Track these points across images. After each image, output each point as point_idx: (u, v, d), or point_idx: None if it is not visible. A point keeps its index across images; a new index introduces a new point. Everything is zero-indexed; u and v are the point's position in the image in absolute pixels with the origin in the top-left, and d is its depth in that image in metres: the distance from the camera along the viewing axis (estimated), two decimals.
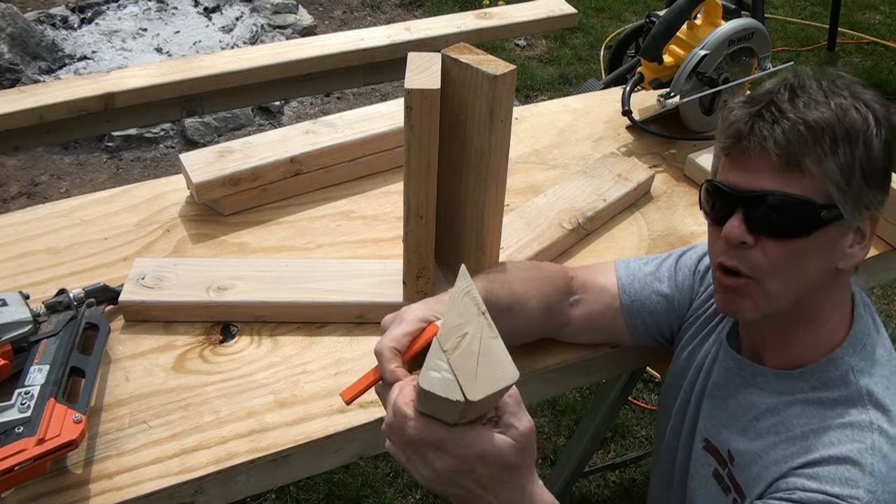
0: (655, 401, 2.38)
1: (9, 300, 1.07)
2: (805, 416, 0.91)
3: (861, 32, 4.33)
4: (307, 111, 3.56)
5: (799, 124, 0.85)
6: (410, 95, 0.95)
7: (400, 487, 2.11)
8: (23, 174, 3.13)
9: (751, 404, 0.97)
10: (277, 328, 1.17)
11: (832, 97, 0.87)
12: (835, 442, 0.87)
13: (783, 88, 0.89)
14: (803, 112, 0.86)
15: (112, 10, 3.91)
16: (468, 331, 0.67)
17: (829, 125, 0.85)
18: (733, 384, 1.00)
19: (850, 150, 0.85)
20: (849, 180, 0.86)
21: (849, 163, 0.86)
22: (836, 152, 0.85)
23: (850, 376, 0.91)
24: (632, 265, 1.15)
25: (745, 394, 0.98)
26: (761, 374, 0.97)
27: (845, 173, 0.86)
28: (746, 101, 0.91)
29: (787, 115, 0.86)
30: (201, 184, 1.31)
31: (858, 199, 0.87)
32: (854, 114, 0.86)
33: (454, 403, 0.64)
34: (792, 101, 0.87)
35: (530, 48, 4.15)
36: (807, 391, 0.92)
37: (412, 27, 1.93)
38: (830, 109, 0.86)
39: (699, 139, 1.60)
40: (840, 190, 0.86)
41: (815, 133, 0.85)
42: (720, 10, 1.58)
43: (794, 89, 0.89)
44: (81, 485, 0.95)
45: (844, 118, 0.86)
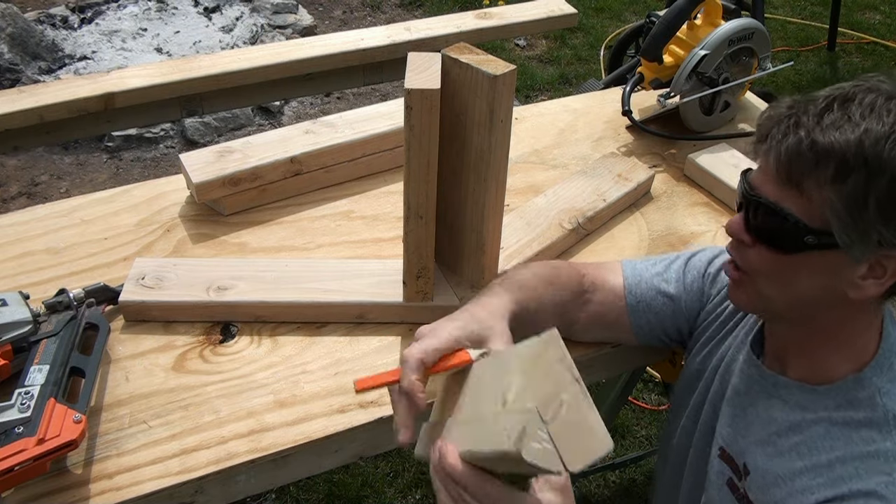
0: (655, 401, 2.38)
1: (9, 300, 1.07)
2: (829, 438, 0.88)
3: (861, 32, 4.33)
4: (307, 111, 3.56)
5: (805, 143, 0.81)
6: (410, 95, 0.95)
7: (400, 487, 2.11)
8: (23, 174, 3.13)
9: (771, 418, 0.94)
10: (277, 328, 1.17)
11: (874, 119, 0.79)
12: (861, 474, 0.85)
13: (828, 98, 0.83)
14: (821, 130, 0.80)
15: (112, 10, 3.91)
16: (564, 398, 0.67)
17: (840, 151, 0.79)
18: (754, 393, 0.98)
19: (865, 181, 0.78)
20: (853, 213, 0.80)
21: (859, 195, 0.79)
22: (843, 181, 0.79)
23: (876, 398, 0.87)
24: (639, 266, 1.15)
25: (767, 405, 0.96)
26: (785, 386, 0.94)
27: (850, 205, 0.80)
28: (788, 101, 0.86)
29: (800, 129, 0.82)
30: (201, 184, 1.31)
31: (867, 235, 0.80)
32: (889, 144, 0.78)
33: (544, 471, 0.64)
34: (821, 115, 0.81)
35: (530, 48, 4.15)
36: (831, 409, 0.89)
37: (412, 27, 1.93)
38: (856, 134, 0.79)
39: (699, 139, 1.60)
40: (840, 221, 0.81)
41: (819, 156, 0.80)
42: (720, 10, 1.58)
43: (836, 101, 0.82)
44: (81, 485, 0.95)
45: (871, 146, 0.78)
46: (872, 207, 0.79)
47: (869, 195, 0.79)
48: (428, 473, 2.31)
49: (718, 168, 1.45)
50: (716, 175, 1.43)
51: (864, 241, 0.81)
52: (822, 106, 0.82)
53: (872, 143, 0.78)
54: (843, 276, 0.84)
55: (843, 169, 0.79)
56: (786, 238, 0.85)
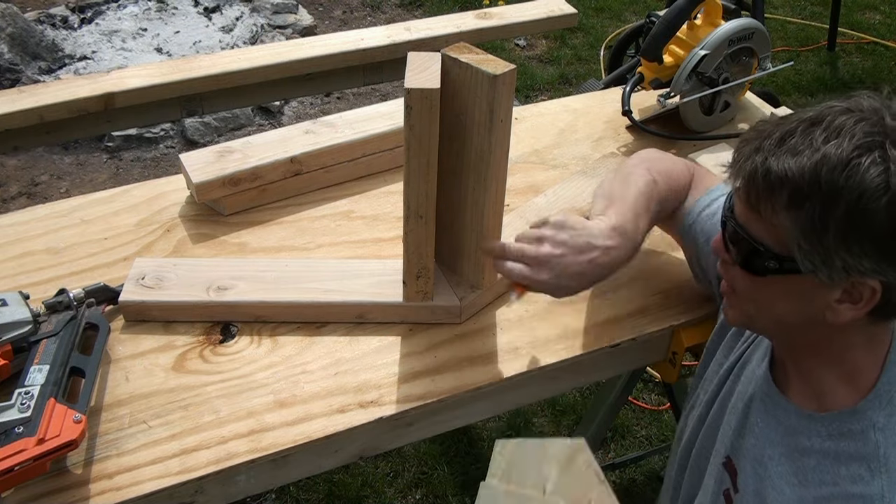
0: (655, 401, 2.38)
1: (9, 300, 1.08)
2: (819, 471, 0.87)
3: (861, 32, 4.33)
4: (307, 111, 3.56)
5: (759, 171, 0.80)
6: (410, 95, 0.95)
7: (400, 487, 2.11)
8: (23, 174, 3.13)
9: (768, 438, 0.94)
10: (277, 328, 1.17)
11: (835, 145, 0.76)
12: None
13: (799, 120, 0.81)
14: (776, 157, 0.79)
15: (112, 10, 3.91)
16: (592, 498, 0.70)
17: (791, 179, 0.77)
18: (758, 410, 0.98)
19: (821, 209, 0.77)
20: (812, 240, 0.78)
21: (815, 223, 0.77)
22: (798, 208, 0.78)
23: (870, 433, 0.85)
24: (714, 208, 1.16)
25: (766, 421, 0.95)
26: (784, 408, 0.94)
27: (807, 233, 0.78)
28: (769, 120, 0.86)
29: (758, 154, 0.81)
30: (201, 184, 1.31)
31: (830, 261, 0.78)
32: (851, 172, 0.75)
33: None
34: (783, 139, 0.80)
35: (530, 48, 4.15)
36: (824, 437, 0.88)
37: (412, 27, 1.93)
38: (812, 160, 0.77)
39: (699, 139, 1.60)
40: (800, 248, 0.80)
41: (772, 184, 0.79)
42: (720, 10, 1.58)
43: (804, 124, 0.80)
44: (81, 485, 0.95)
45: (827, 173, 0.76)
46: (832, 234, 0.77)
47: (828, 223, 0.77)
48: (428, 473, 2.31)
49: (718, 168, 1.45)
50: (716, 175, 1.43)
51: (829, 266, 0.79)
52: (787, 129, 0.81)
53: (829, 170, 0.76)
54: (817, 301, 0.83)
55: (796, 197, 0.78)
56: (755, 261, 0.85)
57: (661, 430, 2.29)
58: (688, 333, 1.23)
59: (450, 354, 1.14)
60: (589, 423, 1.84)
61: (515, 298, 1.05)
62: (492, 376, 1.11)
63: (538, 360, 1.14)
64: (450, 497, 2.09)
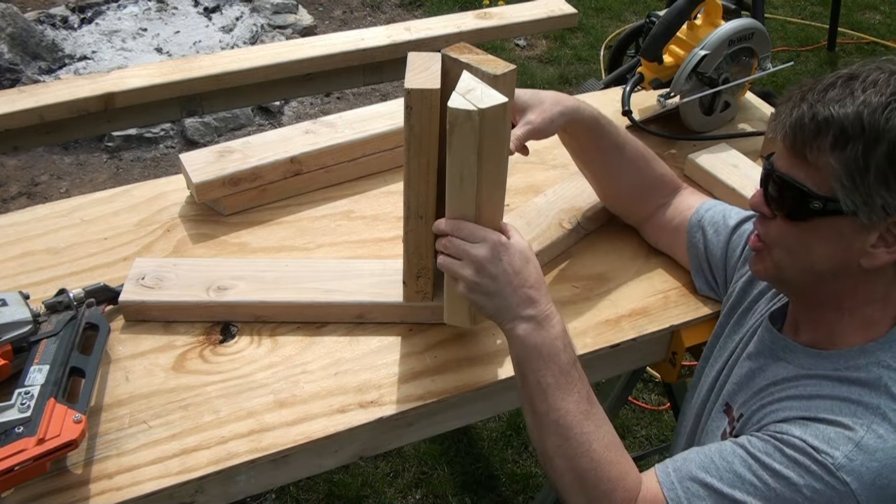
0: (655, 401, 2.38)
1: (9, 300, 1.07)
2: (818, 386, 0.92)
3: (861, 32, 4.33)
4: (307, 111, 3.56)
5: (806, 116, 0.86)
6: (410, 95, 0.95)
7: (400, 487, 2.11)
8: (23, 174, 3.13)
9: (775, 376, 0.98)
10: (277, 328, 1.17)
11: (874, 93, 0.84)
12: (836, 411, 0.88)
13: (836, 75, 0.88)
14: (821, 104, 0.86)
15: (112, 10, 3.91)
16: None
17: (837, 121, 0.84)
18: (765, 356, 1.02)
19: (863, 149, 0.83)
20: (855, 179, 0.84)
21: (859, 162, 0.84)
22: (842, 149, 0.84)
23: (874, 368, 0.90)
24: (720, 207, 1.23)
25: (774, 368, 0.99)
26: (791, 349, 0.99)
27: (850, 172, 0.84)
28: (803, 83, 0.92)
29: (803, 103, 0.87)
30: (201, 184, 1.31)
31: (871, 200, 0.85)
32: (890, 114, 0.83)
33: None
34: (825, 90, 0.87)
35: (530, 48, 4.15)
36: (829, 370, 0.93)
37: (412, 27, 1.93)
38: (854, 105, 0.84)
39: (699, 139, 1.60)
40: (843, 186, 0.85)
41: (818, 127, 0.85)
42: (720, 10, 1.58)
43: (842, 78, 0.87)
44: (81, 485, 0.95)
45: (869, 115, 0.83)
46: (873, 173, 0.83)
47: (869, 161, 0.83)
48: (428, 473, 2.31)
49: (718, 168, 1.45)
50: (716, 175, 1.43)
51: (869, 206, 0.85)
52: (827, 83, 0.87)
53: (870, 113, 0.83)
54: (854, 245, 0.88)
55: (841, 137, 0.84)
56: (797, 206, 0.89)
57: (661, 430, 2.29)
58: (688, 333, 1.23)
59: (450, 354, 1.14)
60: None
61: None
62: (492, 376, 1.11)
63: None
64: (450, 497, 2.09)
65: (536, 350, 0.95)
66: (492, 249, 0.96)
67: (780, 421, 0.91)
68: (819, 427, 0.87)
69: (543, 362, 0.94)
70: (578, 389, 0.94)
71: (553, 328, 0.96)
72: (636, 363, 1.31)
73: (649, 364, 1.34)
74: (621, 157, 1.23)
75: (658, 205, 1.29)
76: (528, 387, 0.96)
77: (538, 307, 0.96)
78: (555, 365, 0.94)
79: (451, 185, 0.96)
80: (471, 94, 0.92)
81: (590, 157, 1.27)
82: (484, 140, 0.91)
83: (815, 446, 0.85)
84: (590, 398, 0.95)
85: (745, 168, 1.45)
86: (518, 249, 0.98)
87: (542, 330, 0.95)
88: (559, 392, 0.94)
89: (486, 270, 0.96)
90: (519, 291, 0.96)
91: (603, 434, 0.93)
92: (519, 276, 0.96)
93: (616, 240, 1.36)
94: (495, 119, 0.91)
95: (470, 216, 0.98)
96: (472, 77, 0.96)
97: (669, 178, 1.29)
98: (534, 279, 0.97)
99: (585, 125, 1.19)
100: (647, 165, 1.26)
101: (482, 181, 0.95)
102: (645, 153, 1.26)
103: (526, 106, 1.15)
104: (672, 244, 1.28)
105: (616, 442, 0.95)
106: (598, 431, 0.93)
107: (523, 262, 0.97)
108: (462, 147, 0.92)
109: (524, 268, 0.97)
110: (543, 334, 0.95)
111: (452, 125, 0.90)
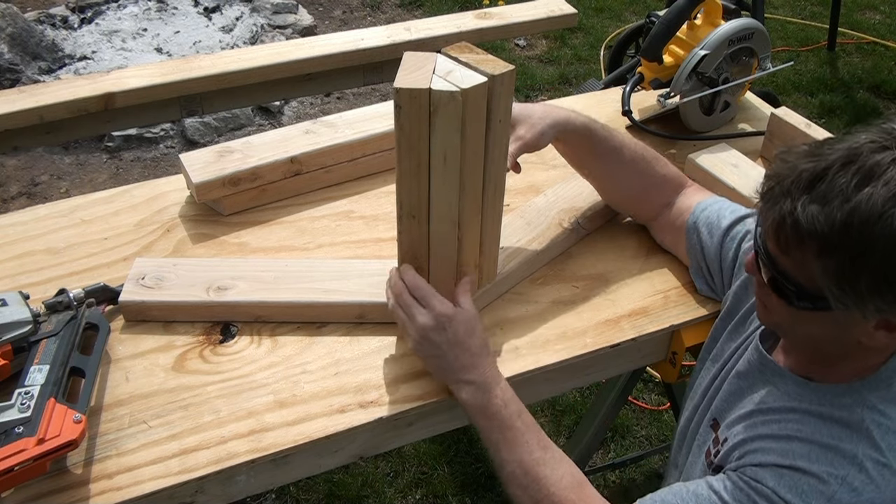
0: (655, 401, 2.38)
1: (9, 300, 1.07)
2: (800, 423, 0.90)
3: (861, 32, 4.33)
4: (307, 111, 3.56)
5: (787, 219, 0.79)
6: (399, 95, 0.95)
7: (400, 487, 2.11)
8: (23, 174, 3.13)
9: (762, 400, 0.97)
10: (277, 328, 1.17)
11: (868, 193, 0.74)
12: (813, 458, 0.86)
13: (833, 158, 0.78)
14: (805, 206, 0.77)
15: (112, 10, 3.91)
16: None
17: (821, 232, 0.76)
18: (753, 377, 1.01)
19: (852, 260, 0.76)
20: (844, 288, 0.78)
21: (847, 272, 0.77)
22: (829, 257, 0.78)
23: (857, 408, 0.88)
24: (716, 206, 1.20)
25: (760, 390, 0.98)
26: (780, 374, 0.97)
27: (839, 280, 0.78)
28: (796, 154, 0.82)
29: (787, 199, 0.79)
30: (201, 184, 1.31)
31: (863, 305, 0.79)
32: (884, 224, 0.73)
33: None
34: (812, 184, 0.77)
35: (530, 48, 4.15)
36: (814, 403, 0.91)
37: (412, 27, 1.93)
38: (843, 212, 0.75)
39: (699, 139, 1.60)
40: (832, 292, 0.80)
41: (801, 234, 0.78)
42: (720, 10, 1.58)
43: (835, 165, 0.77)
44: (81, 485, 0.95)
45: (859, 225, 0.74)
46: (865, 283, 0.77)
47: (860, 271, 0.77)
48: (428, 473, 2.31)
49: (718, 168, 1.45)
50: (716, 175, 1.43)
51: (862, 308, 0.80)
52: (818, 169, 0.78)
53: (861, 223, 0.74)
54: (852, 329, 0.84)
55: (826, 248, 0.78)
56: (787, 296, 0.86)
57: (661, 430, 2.29)
58: (688, 333, 1.23)
59: None
60: (589, 423, 1.84)
61: None
62: None
63: (538, 360, 1.14)
64: (450, 497, 2.09)
65: (480, 411, 1.01)
66: (436, 319, 1.03)
67: (757, 465, 0.89)
68: (794, 477, 0.85)
69: (488, 421, 1.00)
70: (527, 440, 0.98)
71: (492, 389, 1.01)
72: (636, 363, 1.31)
73: (649, 364, 1.34)
74: (620, 161, 1.23)
75: (663, 204, 1.28)
76: (483, 442, 1.02)
77: (477, 372, 1.02)
78: (498, 422, 1.00)
79: (434, 167, 0.99)
80: (451, 75, 0.96)
81: (588, 164, 1.27)
82: (467, 119, 0.95)
83: (788, 500, 0.84)
84: (542, 444, 0.98)
85: (745, 168, 1.45)
86: (463, 320, 1.04)
87: (482, 392, 1.01)
88: (508, 445, 0.99)
89: (429, 338, 1.03)
90: (460, 358, 1.02)
91: (560, 476, 0.96)
92: (459, 346, 1.02)
93: (616, 240, 1.36)
94: (477, 98, 0.96)
95: (454, 198, 1.02)
96: (448, 59, 0.99)
97: (673, 176, 1.27)
98: (476, 347, 1.03)
99: (578, 134, 1.19)
100: (647, 167, 1.25)
101: (465, 160, 1.00)
102: (645, 154, 1.25)
103: (515, 121, 1.15)
104: (676, 244, 1.28)
105: (577, 481, 0.96)
106: (554, 475, 0.96)
107: (467, 334, 1.03)
108: (445, 128, 0.96)
109: (467, 339, 1.03)
110: (485, 396, 1.01)
111: (436, 108, 0.94)
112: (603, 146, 1.21)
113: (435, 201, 1.03)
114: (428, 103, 0.94)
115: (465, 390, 1.02)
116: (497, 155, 1.05)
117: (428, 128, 0.96)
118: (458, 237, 1.07)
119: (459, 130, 0.96)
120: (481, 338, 1.05)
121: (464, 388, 1.02)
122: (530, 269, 1.27)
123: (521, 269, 1.25)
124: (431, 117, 0.95)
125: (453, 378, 1.03)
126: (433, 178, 1.00)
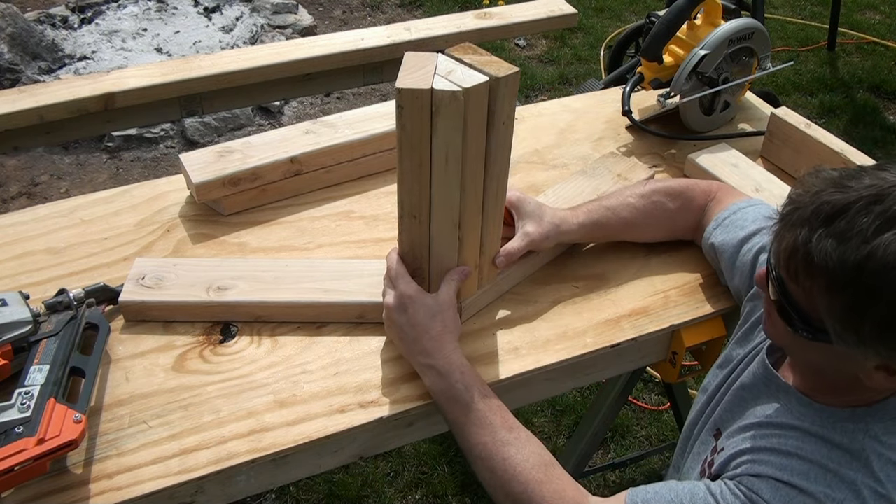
0: (655, 401, 2.38)
1: (9, 300, 1.07)
2: (801, 442, 0.90)
3: (861, 32, 4.33)
4: (307, 111, 3.56)
5: (800, 250, 0.79)
6: (401, 95, 0.95)
7: (400, 487, 2.11)
8: (23, 174, 3.13)
9: (764, 415, 0.96)
10: (277, 328, 1.17)
11: (888, 241, 0.72)
12: (811, 478, 0.85)
13: (860, 195, 0.76)
14: (820, 240, 0.76)
15: (112, 10, 3.91)
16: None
17: (833, 270, 0.76)
18: (757, 390, 1.00)
19: (860, 303, 0.75)
20: (848, 327, 0.78)
21: (853, 313, 0.76)
22: (837, 294, 0.77)
23: (860, 436, 0.87)
24: (721, 236, 1.19)
25: (764, 404, 0.98)
26: (785, 390, 0.96)
27: (843, 319, 0.78)
28: (823, 180, 0.81)
29: (804, 228, 0.78)
30: (201, 184, 1.31)
31: (864, 346, 0.78)
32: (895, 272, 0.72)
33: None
34: (832, 218, 0.76)
35: (530, 48, 4.15)
36: (816, 424, 0.90)
37: (412, 27, 1.93)
38: (858, 254, 0.74)
39: (699, 139, 1.60)
40: (835, 331, 0.79)
41: (811, 267, 0.78)
42: (720, 10, 1.58)
43: (863, 203, 0.75)
44: (81, 485, 0.95)
45: (871, 271, 0.73)
46: (869, 327, 0.77)
47: (865, 316, 0.76)
48: (428, 473, 2.30)
49: (718, 168, 1.45)
50: (716, 175, 1.43)
51: (863, 349, 0.79)
52: (842, 204, 0.77)
53: (874, 270, 0.73)
54: (853, 364, 0.83)
55: (834, 285, 0.77)
56: (791, 319, 0.85)
57: (661, 430, 2.29)
58: (688, 333, 1.23)
59: None
60: (589, 423, 1.83)
61: None
62: (492, 376, 1.11)
63: (538, 360, 1.14)
64: (450, 497, 2.09)
65: (443, 395, 1.02)
66: (398, 299, 1.05)
67: (755, 476, 0.88)
68: (790, 494, 0.85)
69: (451, 405, 1.01)
70: (491, 421, 0.99)
71: (452, 374, 1.02)
72: (636, 363, 1.31)
73: (649, 364, 1.34)
74: (634, 225, 1.25)
75: (693, 228, 1.28)
76: (450, 428, 1.03)
77: (438, 356, 1.03)
78: (459, 405, 1.00)
79: (436, 167, 0.99)
80: (452, 75, 0.96)
81: (610, 239, 1.30)
82: (468, 119, 0.96)
83: None
84: (507, 425, 0.98)
85: (745, 168, 1.45)
86: (426, 304, 1.05)
87: (443, 377, 1.02)
88: (472, 428, 0.99)
89: (392, 318, 1.06)
90: (420, 341, 1.04)
91: (527, 455, 0.96)
92: (419, 328, 1.04)
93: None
94: (479, 98, 0.96)
95: (455, 198, 1.03)
96: (450, 59, 0.99)
97: (691, 200, 1.26)
98: (436, 331, 1.04)
99: (580, 236, 1.24)
100: (664, 212, 1.25)
101: (467, 161, 1.00)
102: (656, 200, 1.24)
103: (527, 215, 1.18)
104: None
105: (545, 461, 0.96)
106: (521, 454, 0.96)
107: (427, 316, 1.04)
108: (447, 128, 0.96)
109: (427, 321, 1.04)
110: (446, 381, 1.02)
111: (438, 107, 0.94)
112: (610, 229, 1.25)
113: (436, 201, 1.03)
114: (430, 103, 0.94)
115: (427, 375, 1.04)
116: (499, 156, 1.05)
117: (430, 128, 0.96)
118: (459, 237, 1.08)
119: (461, 130, 0.96)
120: (445, 324, 1.05)
121: (427, 372, 1.04)
122: (530, 269, 1.27)
123: (522, 269, 1.25)
124: (433, 117, 0.95)
125: (416, 362, 1.05)
126: (434, 178, 1.00)
